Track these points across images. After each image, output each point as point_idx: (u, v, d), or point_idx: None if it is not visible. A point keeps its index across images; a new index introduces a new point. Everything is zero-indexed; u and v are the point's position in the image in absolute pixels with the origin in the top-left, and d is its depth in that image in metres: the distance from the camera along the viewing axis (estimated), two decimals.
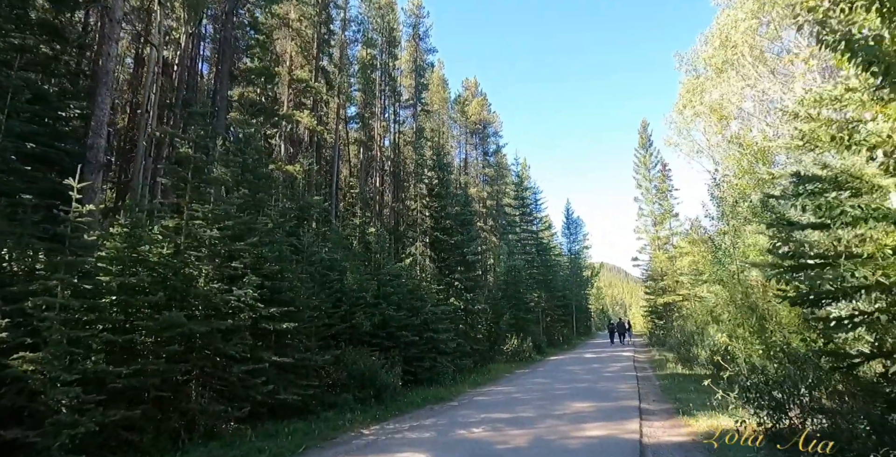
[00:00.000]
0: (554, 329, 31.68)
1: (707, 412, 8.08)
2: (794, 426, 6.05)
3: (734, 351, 7.63)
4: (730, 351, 8.06)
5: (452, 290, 16.52)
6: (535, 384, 12.44)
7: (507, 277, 24.13)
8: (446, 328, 13.94)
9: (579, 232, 44.68)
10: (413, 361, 12.31)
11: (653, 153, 32.47)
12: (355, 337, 11.38)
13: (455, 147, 44.98)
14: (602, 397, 10.03)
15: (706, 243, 17.05)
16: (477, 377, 13.92)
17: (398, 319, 12.30)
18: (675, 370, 14.61)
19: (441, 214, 17.25)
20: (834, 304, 6.16)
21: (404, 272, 14.11)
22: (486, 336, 19.51)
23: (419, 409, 9.43)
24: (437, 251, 16.83)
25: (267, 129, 19.77)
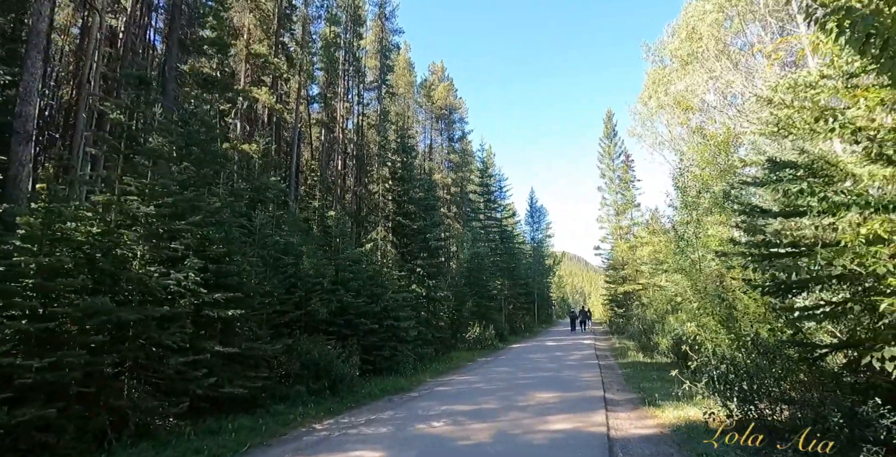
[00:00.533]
0: (516, 317, 31.69)
1: (673, 403, 7.92)
2: (763, 417, 5.89)
3: (702, 341, 7.44)
4: (697, 341, 7.88)
5: (414, 276, 16.05)
6: (498, 373, 12.16)
7: (471, 265, 23.81)
8: (407, 316, 13.48)
9: (542, 220, 44.84)
10: (372, 349, 11.83)
11: (617, 143, 32.64)
12: (311, 325, 10.82)
13: (420, 132, 44.23)
14: (566, 386, 9.80)
15: (667, 233, 17.09)
16: (438, 366, 13.55)
17: (357, 306, 11.77)
18: (637, 359, 14.61)
19: (404, 199, 16.68)
20: (805, 294, 5.99)
21: (364, 258, 13.54)
22: (449, 324, 19.18)
23: (377, 400, 8.97)
24: (400, 237, 16.28)
25: (220, 104, 18.67)
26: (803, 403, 5.54)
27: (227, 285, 7.60)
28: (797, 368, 6.01)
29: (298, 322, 10.59)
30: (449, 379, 11.49)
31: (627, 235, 31.73)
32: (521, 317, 32.82)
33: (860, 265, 5.25)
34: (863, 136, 5.30)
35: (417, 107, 43.72)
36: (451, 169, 43.71)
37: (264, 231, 9.92)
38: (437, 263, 17.11)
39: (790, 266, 5.33)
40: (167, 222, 7.04)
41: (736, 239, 14.00)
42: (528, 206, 44.55)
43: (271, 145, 20.48)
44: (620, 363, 13.86)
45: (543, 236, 45.62)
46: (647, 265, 25.40)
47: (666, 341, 14.41)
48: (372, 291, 12.76)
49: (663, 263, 22.42)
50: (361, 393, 9.28)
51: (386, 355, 12.10)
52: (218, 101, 18.98)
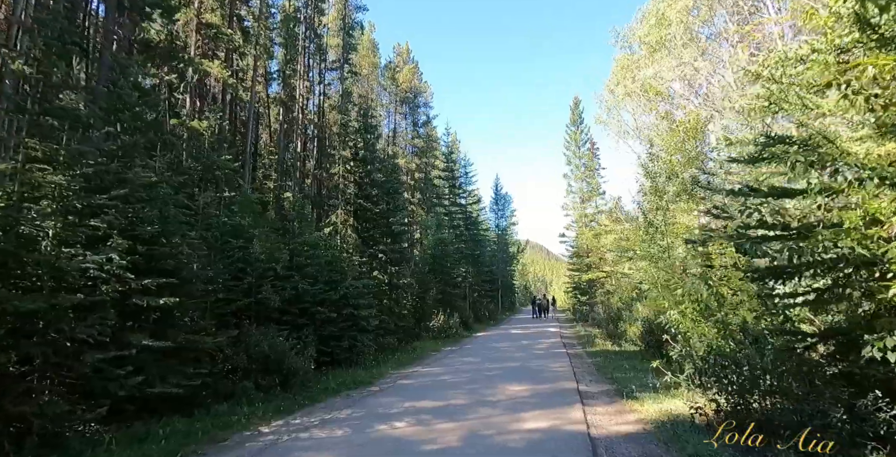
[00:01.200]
0: (481, 305, 31.28)
1: (651, 395, 7.47)
2: (755, 411, 5.45)
3: (685, 330, 6.96)
4: (678, 329, 7.42)
5: (376, 262, 15.26)
6: (465, 364, 11.56)
7: (435, 251, 23.12)
8: (368, 304, 12.70)
9: (507, 208, 44.51)
10: (330, 340, 11.03)
11: (583, 130, 32.38)
12: (263, 314, 9.92)
13: (384, 117, 42.97)
14: (537, 377, 9.27)
15: (635, 220, 16.82)
16: (401, 357, 12.85)
17: (314, 293, 10.93)
18: (605, 347, 14.29)
19: (365, 181, 15.78)
20: (797, 279, 5.54)
21: (322, 242, 12.64)
22: (412, 312, 18.49)
23: (334, 396, 8.21)
24: (361, 221, 15.42)
25: (167, 74, 17.25)
26: (801, 396, 5.09)
27: (161, 270, 6.65)
28: (789, 358, 5.58)
29: (248, 311, 9.69)
30: (413, 371, 10.82)
31: (592, 223, 31.63)
32: (486, 305, 32.44)
33: (864, 248, 4.80)
34: (877, 103, 4.81)
35: (381, 90, 42.41)
36: (416, 154, 42.74)
37: (209, 211, 8.95)
38: (400, 249, 16.34)
39: (794, 249, 4.82)
40: (85, 196, 6.04)
41: (706, 225, 13.83)
42: (494, 193, 44.14)
43: (224, 123, 19.15)
44: (589, 352, 13.49)
45: (508, 224, 45.35)
46: (613, 252, 25.26)
47: (634, 329, 14.13)
48: (330, 277, 11.92)
49: (628, 250, 22.33)
50: (317, 388, 8.50)
51: (345, 345, 11.32)
52: (164, 73, 17.57)
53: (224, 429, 6.11)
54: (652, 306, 14.88)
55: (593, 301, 29.51)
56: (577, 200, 31.78)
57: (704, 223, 13.60)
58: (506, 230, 44.80)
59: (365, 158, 15.95)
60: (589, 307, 30.26)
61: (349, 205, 15.38)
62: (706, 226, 12.92)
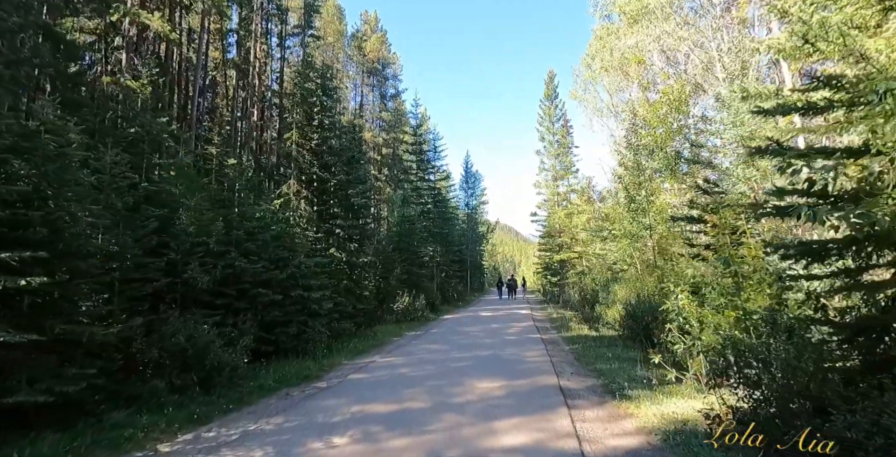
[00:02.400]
0: (449, 285, 30.11)
1: (646, 393, 6.33)
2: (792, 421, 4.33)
3: (697, 319, 5.78)
4: (682, 317, 6.26)
5: (333, 239, 13.76)
6: (429, 353, 10.29)
7: (401, 229, 21.70)
8: (322, 285, 11.26)
9: (477, 186, 43.29)
10: (274, 326, 9.59)
11: (558, 106, 31.15)
12: (190, 297, 8.39)
13: (351, 89, 40.94)
14: (511, 370, 8.06)
15: (614, 197, 15.76)
16: (359, 344, 11.50)
17: (255, 272, 9.41)
18: (582, 332, 13.25)
19: (322, 148, 14.15)
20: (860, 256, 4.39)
21: (269, 215, 11.07)
22: (374, 294, 17.11)
23: (270, 396, 6.82)
24: (317, 193, 13.84)
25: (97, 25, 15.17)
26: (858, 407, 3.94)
27: (27, 241, 5.07)
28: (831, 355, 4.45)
29: (171, 294, 8.14)
30: (369, 361, 9.48)
31: (564, 202, 30.67)
32: (454, 285, 31.30)
33: None
34: None
35: (348, 60, 40.22)
36: (384, 129, 40.90)
37: (116, 170, 7.29)
38: (360, 225, 14.86)
39: (866, 216, 3.59)
40: None
41: (695, 199, 12.78)
42: (464, 171, 42.80)
43: (161, 80, 17.10)
44: (565, 337, 12.41)
45: (478, 203, 44.18)
46: (586, 232, 24.32)
47: (613, 313, 13.10)
48: (277, 254, 10.41)
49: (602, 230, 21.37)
50: (249, 387, 7.07)
51: (292, 332, 9.88)
52: (101, 28, 15.53)
53: (111, 448, 4.68)
54: (633, 288, 13.90)
55: (564, 282, 28.72)
56: (549, 177, 30.70)
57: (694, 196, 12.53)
58: (476, 209, 43.64)
59: (322, 123, 14.29)
60: (560, 288, 29.47)
61: (304, 175, 13.75)
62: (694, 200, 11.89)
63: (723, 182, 11.28)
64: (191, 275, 8.10)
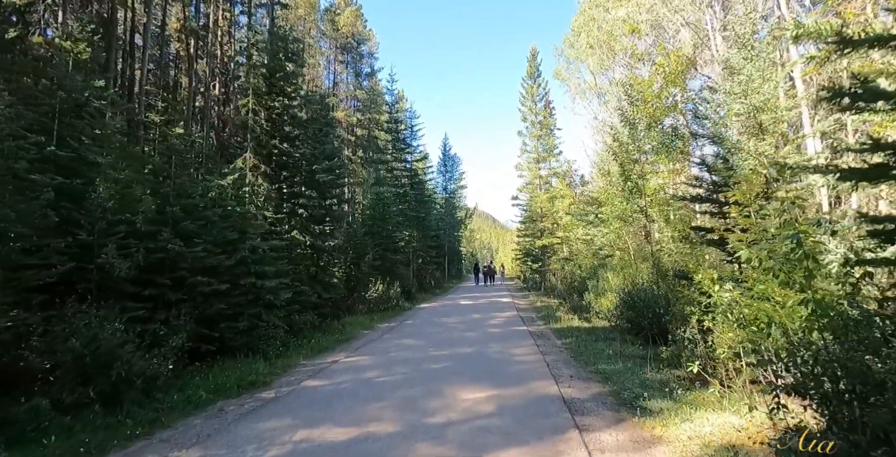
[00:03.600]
0: (426, 272, 28.76)
1: (667, 404, 5.09)
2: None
3: (750, 316, 4.46)
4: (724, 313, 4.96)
5: (296, 220, 12.21)
6: (403, 350, 8.91)
7: (374, 211, 20.17)
8: (280, 271, 9.77)
9: (456, 169, 41.77)
10: (219, 321, 8.10)
11: (541, 84, 29.70)
12: (108, 287, 6.83)
13: (324, 67, 38.84)
14: (499, 374, 6.74)
15: (607, 176, 14.51)
16: (323, 339, 10.07)
17: (195, 257, 7.89)
18: (572, 323, 12.02)
19: (283, 118, 12.50)
20: None
21: (216, 191, 9.49)
22: (344, 281, 15.65)
23: (198, 413, 5.37)
24: (277, 168, 12.23)
25: None
26: None
27: None
28: None
29: (83, 283, 6.57)
30: (332, 362, 8.06)
31: (546, 186, 29.47)
32: (432, 272, 29.96)
33: None
34: None
35: (321, 36, 38.07)
36: (359, 110, 38.96)
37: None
38: (328, 206, 13.32)
39: None
40: None
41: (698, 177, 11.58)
42: (442, 153, 41.18)
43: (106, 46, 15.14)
44: (555, 330, 11.17)
45: (456, 187, 42.72)
46: (571, 215, 23.16)
47: (606, 302, 11.91)
48: (225, 236, 8.88)
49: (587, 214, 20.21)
50: (172, 401, 5.58)
51: (241, 327, 8.41)
52: None
53: None
54: (627, 275, 12.73)
55: (546, 269, 27.62)
56: (531, 159, 29.37)
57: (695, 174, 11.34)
58: (454, 193, 42.20)
59: (283, 91, 12.62)
60: (541, 275, 28.39)
61: (262, 148, 12.11)
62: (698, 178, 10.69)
63: (733, 157, 10.06)
64: (106, 259, 6.54)
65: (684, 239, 10.31)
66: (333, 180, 13.11)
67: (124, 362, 5.27)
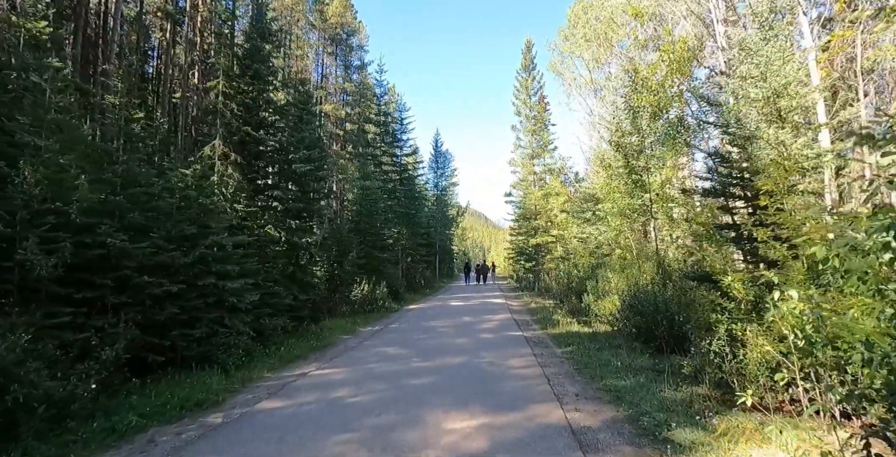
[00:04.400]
0: (415, 271, 27.73)
1: (697, 434, 4.11)
2: None
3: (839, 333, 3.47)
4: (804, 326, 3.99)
5: (270, 215, 11.14)
6: (383, 361, 7.87)
7: (361, 207, 19.09)
8: (247, 270, 8.72)
9: (447, 166, 40.69)
10: (171, 327, 7.05)
11: (535, 77, 28.72)
12: (29, 287, 5.77)
13: (313, 60, 37.65)
14: (494, 393, 5.72)
15: (609, 169, 13.55)
16: (296, 346, 9.02)
17: (142, 254, 6.83)
18: (570, 327, 11.04)
19: (258, 103, 11.42)
20: None
21: (176, 180, 8.41)
22: (326, 281, 14.61)
23: (119, 447, 4.32)
24: (250, 157, 11.14)
25: None
26: None
27: None
28: None
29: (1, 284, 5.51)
30: (298, 375, 7.02)
31: (541, 182, 28.53)
32: (421, 271, 28.91)
33: None
34: None
35: (309, 28, 36.87)
36: (348, 104, 37.79)
37: None
38: (307, 199, 12.24)
39: None
40: None
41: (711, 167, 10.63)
42: (433, 149, 40.14)
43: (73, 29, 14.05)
44: (553, 336, 10.18)
45: (448, 184, 41.66)
46: (567, 213, 22.22)
47: (608, 305, 10.94)
48: (182, 230, 7.82)
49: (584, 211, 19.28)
50: (91, 430, 4.52)
51: (198, 334, 7.35)
52: None
53: None
54: (630, 276, 11.77)
55: (539, 268, 26.67)
56: (526, 155, 28.39)
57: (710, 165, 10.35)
58: (445, 190, 41.15)
59: (258, 72, 11.54)
60: (534, 275, 27.43)
61: (233, 135, 11.01)
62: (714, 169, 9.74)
63: (751, 146, 9.11)
64: (25, 256, 5.47)
65: (699, 237, 9.34)
66: (313, 172, 12.03)
67: (24, 384, 4.21)
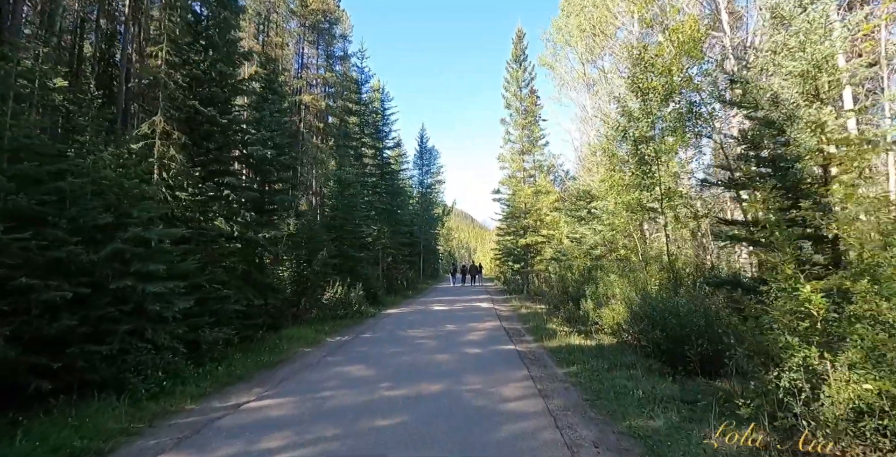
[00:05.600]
0: (397, 272, 26.12)
1: None
2: None
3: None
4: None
5: (220, 205, 9.50)
6: (344, 386, 6.28)
7: (337, 201, 17.43)
8: (181, 270, 7.09)
9: (433, 163, 39.18)
10: (69, 342, 5.43)
11: (526, 69, 27.20)
12: None
13: (293, 50, 35.85)
14: (484, 443, 4.19)
15: (613, 158, 12.11)
16: (240, 363, 7.39)
17: (25, 248, 5.20)
18: (570, 339, 9.53)
19: (209, 75, 9.77)
20: None
21: (96, 159, 6.74)
22: (292, 283, 12.97)
23: None
24: (198, 137, 9.49)
25: None
26: None
27: None
28: None
29: None
30: (229, 408, 5.41)
31: (531, 179, 27.08)
32: (404, 272, 27.30)
33: None
34: None
35: (289, 15, 35.08)
36: (329, 95, 36.03)
37: None
38: (270, 190, 10.60)
39: None
40: None
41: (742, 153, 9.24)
42: (418, 145, 38.56)
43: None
44: (551, 350, 8.68)
45: (434, 181, 40.10)
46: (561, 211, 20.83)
47: (612, 314, 9.47)
48: (92, 219, 6.18)
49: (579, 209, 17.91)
50: None
51: (107, 352, 5.72)
52: None
53: None
54: (637, 280, 10.34)
55: (528, 270, 25.24)
56: (515, 151, 26.90)
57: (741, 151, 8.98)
58: (431, 188, 39.58)
59: (212, 41, 9.90)
60: (523, 277, 26.00)
61: (178, 110, 9.34)
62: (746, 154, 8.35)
63: (789, 128, 7.73)
64: None
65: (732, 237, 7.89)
66: (275, 157, 10.39)
67: None
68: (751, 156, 8.50)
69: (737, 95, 9.26)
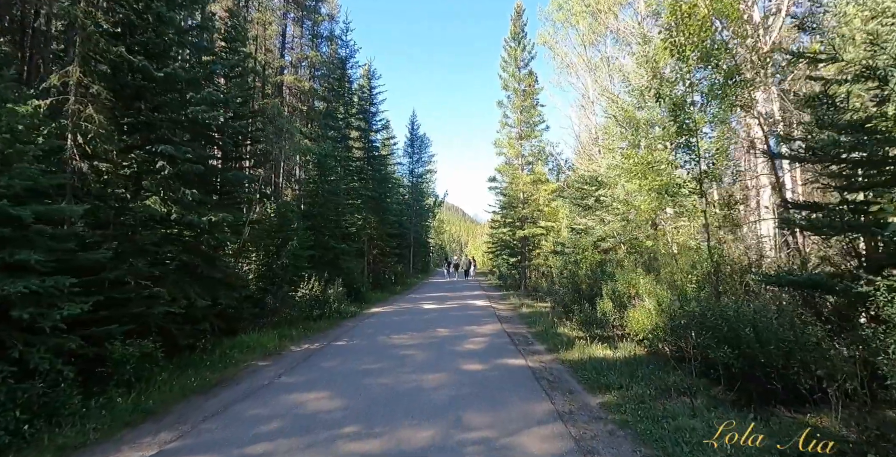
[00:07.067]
0: (385, 265, 24.20)
1: None
2: None
3: None
4: None
5: (155, 180, 7.52)
6: (290, 434, 4.37)
7: (316, 184, 15.46)
8: (79, 263, 5.14)
9: (424, 151, 37.14)
10: None
11: (525, 47, 25.25)
12: None
13: (276, 30, 33.64)
14: None
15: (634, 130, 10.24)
16: (157, 391, 5.46)
17: None
18: (593, 351, 7.68)
19: (143, 18, 7.78)
20: None
21: None
22: (259, 278, 11.04)
23: None
24: (127, 94, 7.51)
25: None
26: None
27: None
28: None
29: None
30: None
31: (528, 167, 25.18)
32: (392, 266, 25.37)
33: None
34: None
35: None
36: (314, 77, 33.85)
37: None
38: (225, 168, 8.61)
39: None
40: None
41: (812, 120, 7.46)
42: (409, 132, 36.51)
43: None
44: (571, 366, 6.84)
45: (425, 171, 38.10)
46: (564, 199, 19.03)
47: (642, 320, 7.61)
48: None
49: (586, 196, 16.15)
50: None
51: None
52: None
53: None
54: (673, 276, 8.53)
55: (526, 264, 23.44)
56: (513, 135, 24.98)
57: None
58: (422, 177, 37.59)
59: None
60: (520, 272, 24.19)
61: (100, 59, 7.34)
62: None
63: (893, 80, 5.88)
64: None
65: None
66: (229, 124, 8.40)
67: None
68: (827, 121, 6.65)
69: (803, 47, 7.45)
